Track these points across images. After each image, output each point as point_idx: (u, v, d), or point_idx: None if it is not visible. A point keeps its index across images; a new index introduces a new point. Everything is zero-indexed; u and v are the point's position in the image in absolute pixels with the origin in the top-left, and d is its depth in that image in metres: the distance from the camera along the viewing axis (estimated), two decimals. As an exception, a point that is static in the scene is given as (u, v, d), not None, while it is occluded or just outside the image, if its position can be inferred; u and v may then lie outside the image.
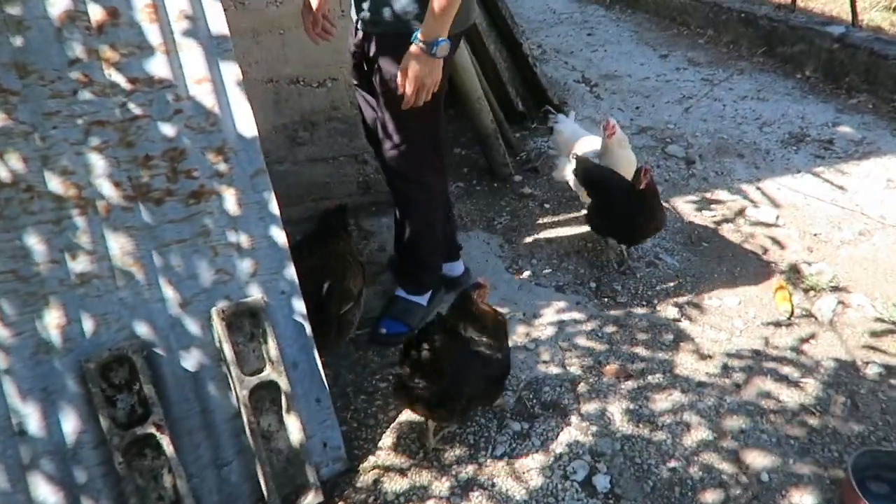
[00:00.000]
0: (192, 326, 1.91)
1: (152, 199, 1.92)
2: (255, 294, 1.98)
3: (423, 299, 2.66)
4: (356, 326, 2.38)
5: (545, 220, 3.35)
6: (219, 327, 1.88)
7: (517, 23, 4.20)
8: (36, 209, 1.79)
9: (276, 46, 2.98)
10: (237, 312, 1.93)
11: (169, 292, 1.90)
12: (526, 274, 2.94)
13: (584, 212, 3.07)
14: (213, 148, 2.00)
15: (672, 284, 2.88)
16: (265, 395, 1.93)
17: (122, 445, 1.73)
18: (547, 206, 3.48)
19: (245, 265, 1.99)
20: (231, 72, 2.04)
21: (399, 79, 2.03)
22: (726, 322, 2.65)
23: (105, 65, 1.91)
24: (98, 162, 1.87)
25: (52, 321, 1.77)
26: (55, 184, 1.82)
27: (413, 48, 1.97)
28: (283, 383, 1.91)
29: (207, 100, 2.00)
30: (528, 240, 3.18)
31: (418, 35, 1.95)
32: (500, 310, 2.22)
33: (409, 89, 2.02)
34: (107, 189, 1.87)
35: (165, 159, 1.95)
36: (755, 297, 2.79)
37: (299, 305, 2.04)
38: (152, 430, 1.75)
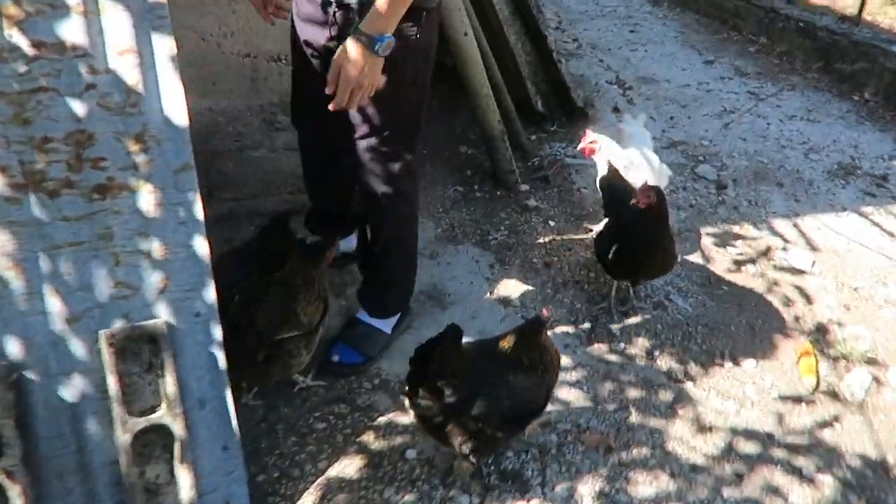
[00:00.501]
0: (78, 348, 1.59)
1: (46, 191, 1.60)
2: (162, 315, 1.65)
3: (387, 325, 2.31)
4: (303, 365, 2.03)
5: (547, 238, 2.97)
6: (106, 353, 1.56)
7: (543, 13, 3.78)
8: None
9: (256, 17, 2.62)
10: (133, 337, 1.60)
11: (54, 304, 1.58)
12: (514, 302, 2.57)
13: (594, 232, 2.68)
14: (130, 134, 1.66)
15: (679, 333, 2.48)
16: (156, 440, 1.61)
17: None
18: (552, 223, 3.09)
19: (154, 279, 1.66)
20: (164, 45, 1.70)
21: (330, 74, 1.70)
22: (737, 389, 2.26)
23: (6, 23, 1.58)
24: (-19, 140, 1.55)
25: None
26: (-77, 163, 1.51)
27: (352, 42, 1.65)
28: (178, 428, 1.58)
29: (130, 75, 1.66)
30: (524, 261, 2.80)
31: (360, 27, 1.64)
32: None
33: (341, 88, 1.69)
34: (-11, 174, 1.55)
35: (69, 143, 1.62)
36: (775, 360, 2.39)
37: (216, 332, 1.70)
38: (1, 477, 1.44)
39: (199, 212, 1.71)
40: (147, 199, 1.66)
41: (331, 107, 1.73)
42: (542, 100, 3.82)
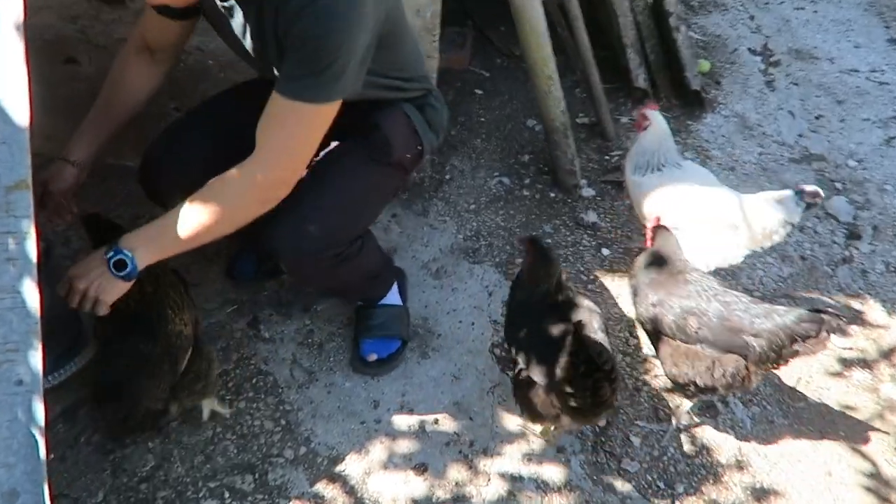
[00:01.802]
0: None
1: None
2: (-33, 380, 1.24)
3: (394, 298, 2.02)
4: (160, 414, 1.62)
5: (593, 275, 2.32)
6: None
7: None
8: None
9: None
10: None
11: None
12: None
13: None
14: (-52, 131, 1.20)
15: (723, 461, 1.83)
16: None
17: None
18: (606, 251, 2.41)
19: (-40, 332, 1.24)
20: (10, 8, 1.19)
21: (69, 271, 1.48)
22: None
23: None
24: None
25: None
26: None
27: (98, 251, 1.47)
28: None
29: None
30: (550, 304, 2.19)
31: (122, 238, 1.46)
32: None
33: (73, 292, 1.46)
34: None
35: None
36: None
37: (38, 410, 1.28)
38: None
39: (32, 247, 1.26)
40: (-36, 223, 1.21)
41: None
42: (646, 73, 3.00)
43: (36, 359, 1.27)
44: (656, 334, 1.79)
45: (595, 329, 1.67)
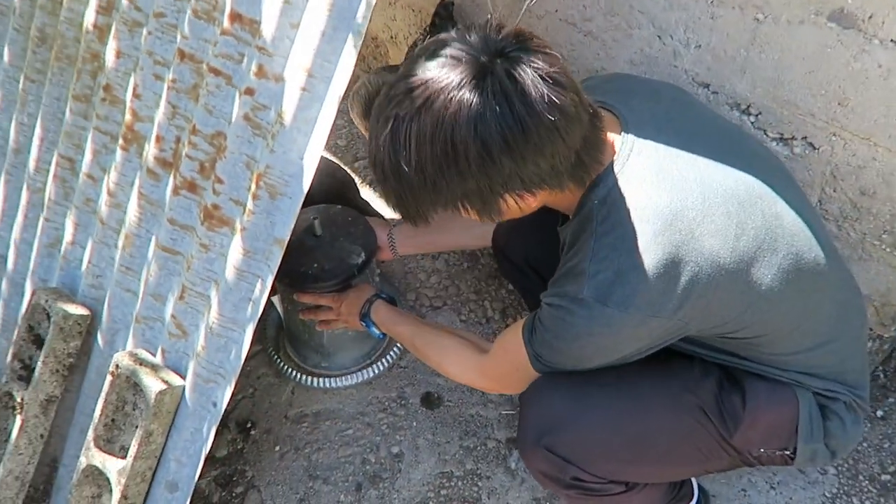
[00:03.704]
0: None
1: (177, 181, 1.36)
2: (189, 375, 1.34)
3: None
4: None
5: None
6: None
7: None
8: None
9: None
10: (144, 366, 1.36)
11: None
12: None
13: None
14: (256, 168, 1.23)
15: None
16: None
17: None
18: None
19: (203, 328, 1.33)
20: (342, 77, 1.13)
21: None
22: None
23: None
24: None
25: None
26: None
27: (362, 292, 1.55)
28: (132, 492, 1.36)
29: (292, 97, 1.18)
30: None
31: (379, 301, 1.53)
32: None
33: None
34: None
35: (212, 144, 1.31)
36: None
37: (212, 435, 1.32)
38: None
39: (265, 298, 1.25)
40: (235, 253, 1.26)
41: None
42: None
43: (227, 393, 1.30)
44: None
45: None
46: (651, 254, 0.95)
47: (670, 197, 0.98)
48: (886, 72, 1.19)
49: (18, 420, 1.51)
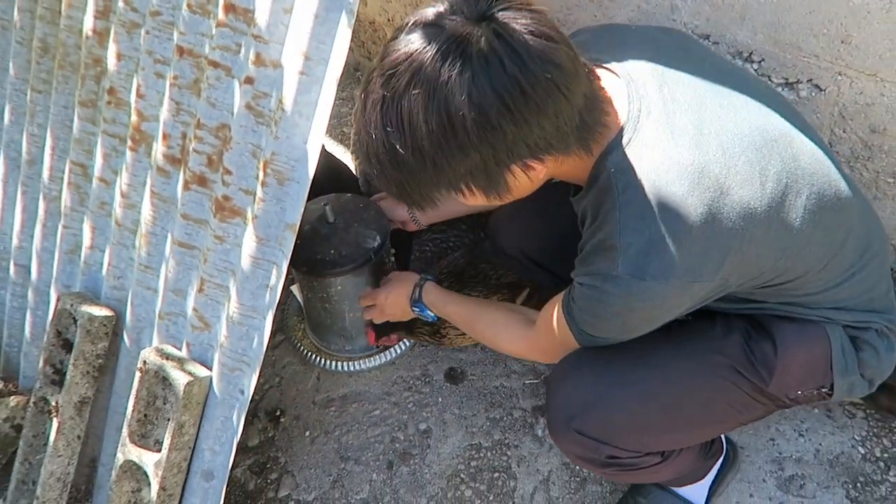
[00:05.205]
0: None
1: (187, 176, 1.38)
2: (214, 367, 1.37)
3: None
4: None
5: None
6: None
7: None
8: None
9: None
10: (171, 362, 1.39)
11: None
12: None
13: None
14: (262, 156, 1.25)
15: None
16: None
17: None
18: None
19: (224, 321, 1.36)
20: (337, 61, 1.14)
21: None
22: None
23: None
24: None
25: None
26: None
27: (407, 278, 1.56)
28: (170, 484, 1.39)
29: (291, 83, 1.19)
30: None
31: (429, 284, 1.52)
32: None
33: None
34: None
35: (217, 137, 1.32)
36: None
37: (240, 419, 1.35)
38: None
39: (281, 283, 1.27)
40: (249, 242, 1.28)
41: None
42: None
43: (253, 380, 1.33)
44: None
45: None
46: (684, 217, 0.90)
47: (691, 154, 0.93)
48: (888, 3, 1.16)
49: (55, 423, 1.55)
